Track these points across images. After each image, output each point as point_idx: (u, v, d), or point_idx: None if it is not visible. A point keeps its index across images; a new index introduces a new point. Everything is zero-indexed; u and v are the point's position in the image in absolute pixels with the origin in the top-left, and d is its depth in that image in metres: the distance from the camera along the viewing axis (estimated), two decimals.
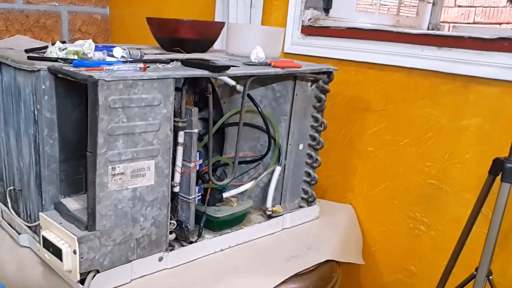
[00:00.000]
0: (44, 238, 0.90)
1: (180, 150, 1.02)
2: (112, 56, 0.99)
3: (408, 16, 1.78)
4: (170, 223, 1.02)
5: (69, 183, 0.98)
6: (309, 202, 1.35)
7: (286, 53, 1.60)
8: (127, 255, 0.94)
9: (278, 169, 1.25)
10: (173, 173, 1.01)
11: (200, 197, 1.11)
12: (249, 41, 1.28)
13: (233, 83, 1.17)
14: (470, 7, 2.53)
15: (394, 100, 1.40)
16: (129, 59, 1.00)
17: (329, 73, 1.25)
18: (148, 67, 0.93)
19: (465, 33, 1.24)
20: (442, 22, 1.91)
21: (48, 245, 0.89)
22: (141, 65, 0.88)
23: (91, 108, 0.81)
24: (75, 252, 0.86)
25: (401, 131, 1.40)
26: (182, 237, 1.08)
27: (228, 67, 1.00)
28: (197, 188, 1.09)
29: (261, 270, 1.06)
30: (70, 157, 0.96)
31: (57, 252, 0.87)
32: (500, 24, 2.46)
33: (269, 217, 1.25)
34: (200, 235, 1.10)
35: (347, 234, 1.37)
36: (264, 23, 1.65)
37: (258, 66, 1.12)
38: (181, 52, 1.28)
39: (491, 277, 1.11)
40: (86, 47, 0.99)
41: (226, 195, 1.22)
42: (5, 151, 1.09)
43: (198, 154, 1.07)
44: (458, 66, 1.25)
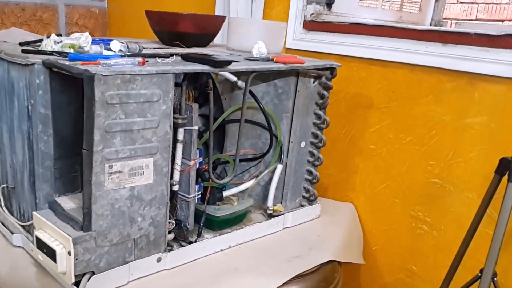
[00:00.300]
0: (37, 238, 0.87)
1: (179, 147, 0.99)
2: (110, 49, 0.96)
3: (410, 12, 1.76)
4: (169, 222, 0.99)
5: (64, 181, 0.95)
6: (310, 200, 1.33)
7: (287, 48, 1.57)
8: (124, 256, 0.91)
9: (280, 167, 1.22)
10: (172, 171, 0.98)
11: (200, 195, 1.08)
12: (250, 35, 1.25)
13: (234, 78, 1.13)
14: (473, 3, 2.50)
15: (397, 97, 1.38)
16: (127, 53, 0.96)
17: (332, 69, 1.22)
18: (147, 61, 0.89)
19: (471, 30, 1.21)
20: (445, 18, 1.88)
21: (42, 245, 0.86)
22: (140, 59, 0.85)
23: (87, 104, 0.78)
24: (69, 253, 0.83)
25: (404, 129, 1.37)
26: (181, 237, 1.05)
27: (230, 62, 0.97)
28: (196, 187, 1.06)
29: (262, 271, 1.03)
30: (66, 155, 0.93)
31: (51, 253, 0.84)
32: (503, 21, 2.44)
33: (270, 216, 1.22)
34: (199, 235, 1.07)
35: (349, 233, 1.34)
36: (265, 18, 1.62)
37: (260, 62, 1.09)
38: (181, 47, 1.25)
39: (495, 278, 1.09)
40: (82, 40, 0.95)
41: (226, 193, 1.19)
42: None
43: (198, 152, 1.04)
44: (463, 63, 1.23)
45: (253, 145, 1.26)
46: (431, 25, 1.77)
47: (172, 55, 1.00)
